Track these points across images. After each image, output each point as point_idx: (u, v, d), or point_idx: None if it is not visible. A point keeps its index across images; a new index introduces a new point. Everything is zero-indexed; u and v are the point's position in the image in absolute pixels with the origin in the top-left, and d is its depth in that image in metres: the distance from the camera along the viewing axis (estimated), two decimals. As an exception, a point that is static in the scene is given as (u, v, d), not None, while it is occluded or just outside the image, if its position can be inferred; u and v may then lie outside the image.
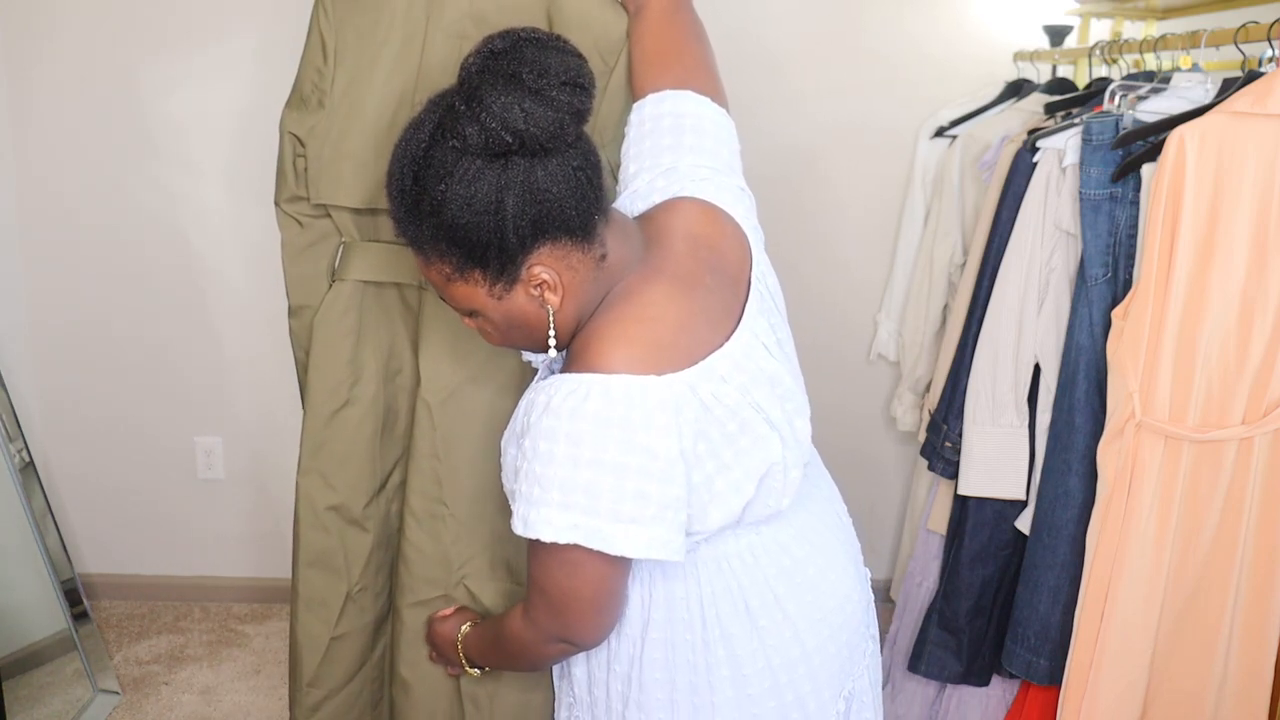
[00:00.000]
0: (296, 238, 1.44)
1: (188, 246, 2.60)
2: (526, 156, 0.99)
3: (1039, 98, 2.19)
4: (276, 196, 1.45)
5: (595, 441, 0.97)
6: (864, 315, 2.68)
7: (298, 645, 1.49)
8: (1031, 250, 1.77)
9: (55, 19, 2.46)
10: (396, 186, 1.03)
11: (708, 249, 1.11)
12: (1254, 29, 1.58)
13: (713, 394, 1.02)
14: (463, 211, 0.99)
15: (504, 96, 0.96)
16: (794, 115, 2.57)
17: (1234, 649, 1.60)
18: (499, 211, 0.99)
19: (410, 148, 1.02)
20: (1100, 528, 1.60)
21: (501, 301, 1.05)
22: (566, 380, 0.99)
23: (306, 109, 1.38)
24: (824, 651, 1.15)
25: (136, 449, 2.73)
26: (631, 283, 1.06)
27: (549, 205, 1.00)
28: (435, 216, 1.00)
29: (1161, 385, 1.53)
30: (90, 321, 2.64)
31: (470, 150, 0.98)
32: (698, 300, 1.06)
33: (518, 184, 0.99)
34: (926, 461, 2.04)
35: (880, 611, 2.72)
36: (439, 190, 0.99)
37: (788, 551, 1.14)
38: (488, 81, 0.98)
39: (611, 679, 1.14)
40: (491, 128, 0.96)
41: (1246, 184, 1.46)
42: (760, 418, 1.05)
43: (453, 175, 0.98)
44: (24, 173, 2.55)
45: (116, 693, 2.39)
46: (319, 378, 1.43)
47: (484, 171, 0.98)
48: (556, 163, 1.00)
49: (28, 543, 2.32)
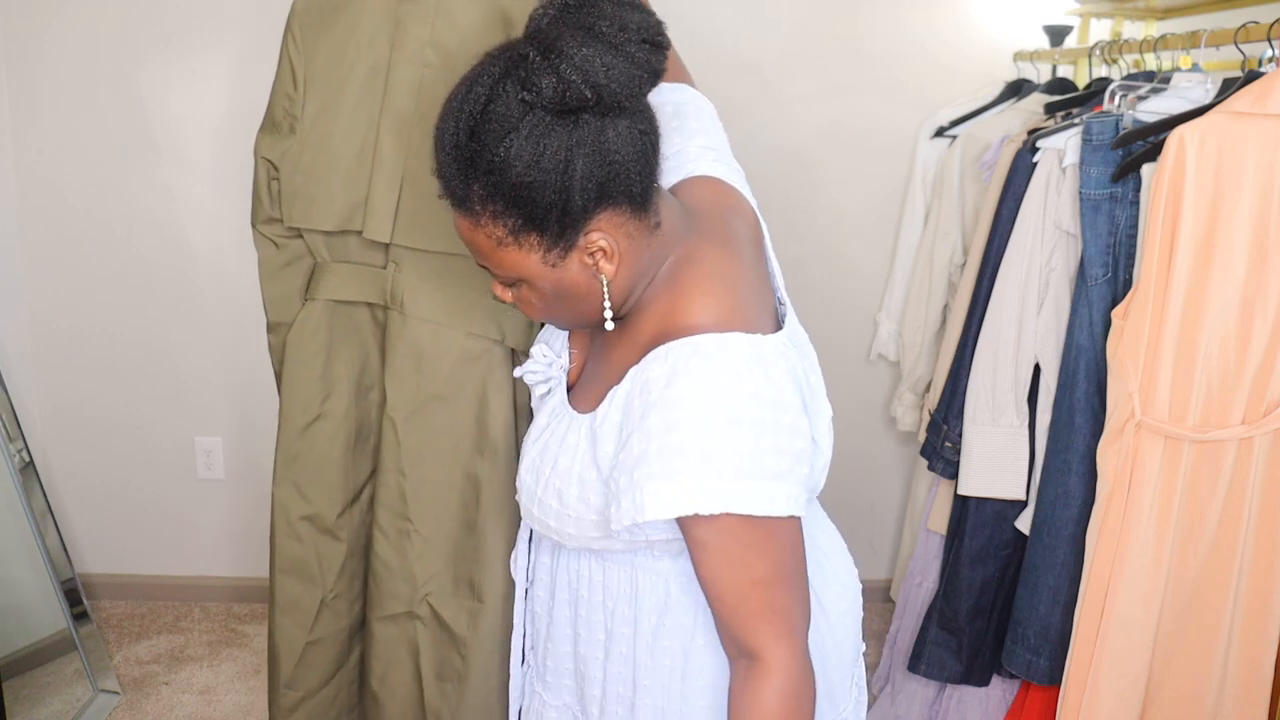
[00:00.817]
0: (272, 258, 1.49)
1: (188, 247, 2.60)
2: (598, 115, 0.93)
3: (1039, 98, 2.20)
4: (253, 219, 1.49)
5: (732, 400, 0.91)
6: (864, 315, 2.68)
7: (275, 648, 1.54)
8: (1031, 250, 1.77)
9: (56, 19, 2.46)
10: (450, 142, 0.95)
11: (737, 219, 1.10)
12: (1254, 29, 1.58)
13: (797, 358, 1.00)
14: (529, 170, 0.92)
15: (584, 48, 0.90)
16: (795, 115, 2.57)
17: (1234, 649, 1.60)
18: (567, 171, 0.92)
19: (468, 101, 0.94)
20: (1100, 528, 1.60)
21: (554, 269, 0.98)
22: (681, 346, 0.94)
23: (279, 134, 1.42)
24: (847, 640, 1.16)
25: (136, 449, 2.73)
26: (688, 250, 1.02)
27: (616, 168, 0.94)
28: (496, 174, 0.93)
29: (1161, 385, 1.53)
30: (90, 321, 2.64)
31: (542, 104, 0.91)
32: (748, 269, 1.04)
33: (589, 143, 0.92)
34: (926, 461, 2.04)
35: (880, 611, 2.73)
36: (503, 146, 0.92)
37: (814, 542, 1.12)
38: (565, 32, 0.91)
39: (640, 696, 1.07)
40: (572, 80, 0.89)
41: (1246, 184, 1.46)
42: (819, 381, 1.06)
43: (519, 130, 0.91)
44: (25, 173, 2.55)
45: (116, 693, 2.39)
46: (291, 392, 1.47)
47: (554, 127, 0.92)
48: (625, 124, 0.94)
49: (28, 543, 2.32)
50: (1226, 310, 1.50)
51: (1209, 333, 1.50)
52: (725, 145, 1.25)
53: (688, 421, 0.91)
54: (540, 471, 1.06)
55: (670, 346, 0.94)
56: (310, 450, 1.48)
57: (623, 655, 1.08)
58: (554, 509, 1.04)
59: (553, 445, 1.06)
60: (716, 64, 2.51)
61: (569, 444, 1.03)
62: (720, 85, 2.56)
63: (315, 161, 1.39)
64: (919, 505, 2.33)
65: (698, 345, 0.93)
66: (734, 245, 1.05)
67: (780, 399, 0.93)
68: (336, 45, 1.37)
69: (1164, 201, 1.49)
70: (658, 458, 0.91)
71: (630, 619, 1.07)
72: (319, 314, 1.45)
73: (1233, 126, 1.46)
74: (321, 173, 1.39)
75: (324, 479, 1.48)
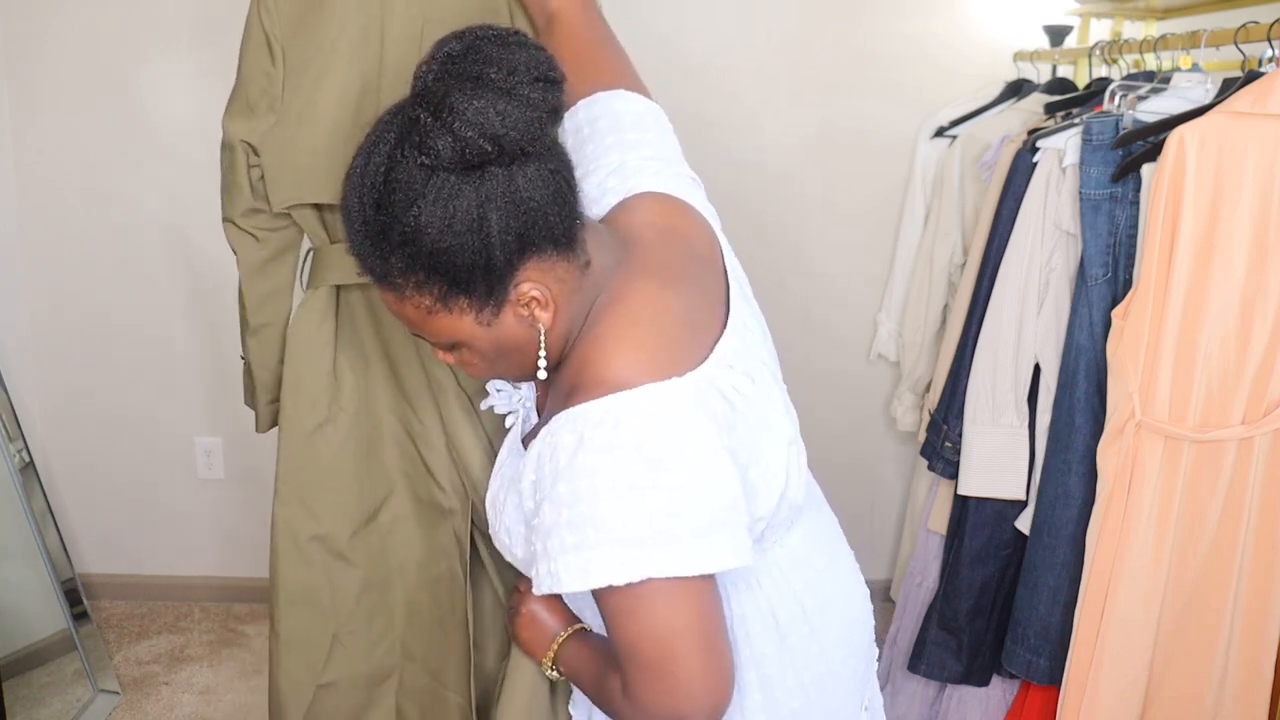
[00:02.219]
0: (254, 254, 1.36)
1: (188, 246, 2.60)
2: (504, 165, 0.89)
3: (1039, 98, 2.20)
4: (228, 213, 1.36)
5: (641, 465, 0.88)
6: (864, 315, 2.68)
7: (279, 693, 1.35)
8: (1031, 250, 1.77)
9: (56, 18, 2.46)
10: (357, 218, 0.92)
11: (680, 239, 1.05)
12: (1254, 29, 1.58)
13: (730, 384, 0.96)
14: (443, 235, 0.89)
15: (475, 101, 0.87)
16: (794, 116, 2.57)
17: (1234, 649, 1.60)
18: (483, 229, 0.89)
19: (368, 174, 0.91)
20: (1100, 528, 1.60)
21: (490, 328, 0.95)
22: (590, 410, 0.90)
23: (255, 115, 1.30)
24: (846, 664, 1.12)
25: (137, 449, 2.73)
26: (616, 287, 0.98)
27: (533, 215, 0.91)
28: (410, 245, 0.90)
29: (1161, 385, 1.53)
30: (90, 321, 2.64)
31: (443, 165, 0.88)
32: (687, 292, 1.00)
33: (499, 196, 0.89)
34: (926, 461, 2.04)
35: (880, 611, 2.72)
36: (411, 215, 0.89)
37: (809, 563, 1.10)
38: (452, 86, 0.88)
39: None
40: (467, 136, 0.87)
41: (1246, 184, 1.46)
42: (769, 402, 1.01)
43: (425, 196, 0.88)
44: (25, 173, 2.55)
45: (116, 693, 2.39)
46: (296, 393, 1.32)
47: (461, 187, 0.89)
48: (534, 168, 0.91)
49: (28, 542, 2.32)
50: (1226, 310, 1.50)
51: (1209, 333, 1.50)
52: (673, 153, 1.17)
53: (594, 492, 0.88)
54: (496, 506, 1.06)
55: (583, 410, 0.90)
56: (318, 458, 1.32)
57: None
58: (507, 545, 1.04)
59: (506, 481, 1.05)
60: (716, 65, 2.51)
61: (513, 481, 1.02)
62: (720, 87, 2.58)
63: (302, 134, 1.27)
64: (919, 505, 2.33)
65: (609, 408, 0.89)
66: (669, 273, 1.01)
67: (699, 454, 0.90)
68: (315, 12, 1.26)
69: (1164, 201, 1.49)
70: (568, 529, 0.89)
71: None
72: (324, 302, 1.31)
73: (1233, 126, 1.46)
74: (312, 145, 1.26)
75: (334, 491, 1.33)
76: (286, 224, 1.34)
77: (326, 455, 1.33)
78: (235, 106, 1.32)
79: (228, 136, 1.32)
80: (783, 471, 1.01)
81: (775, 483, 1.00)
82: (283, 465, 1.33)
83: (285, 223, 1.34)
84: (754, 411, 0.98)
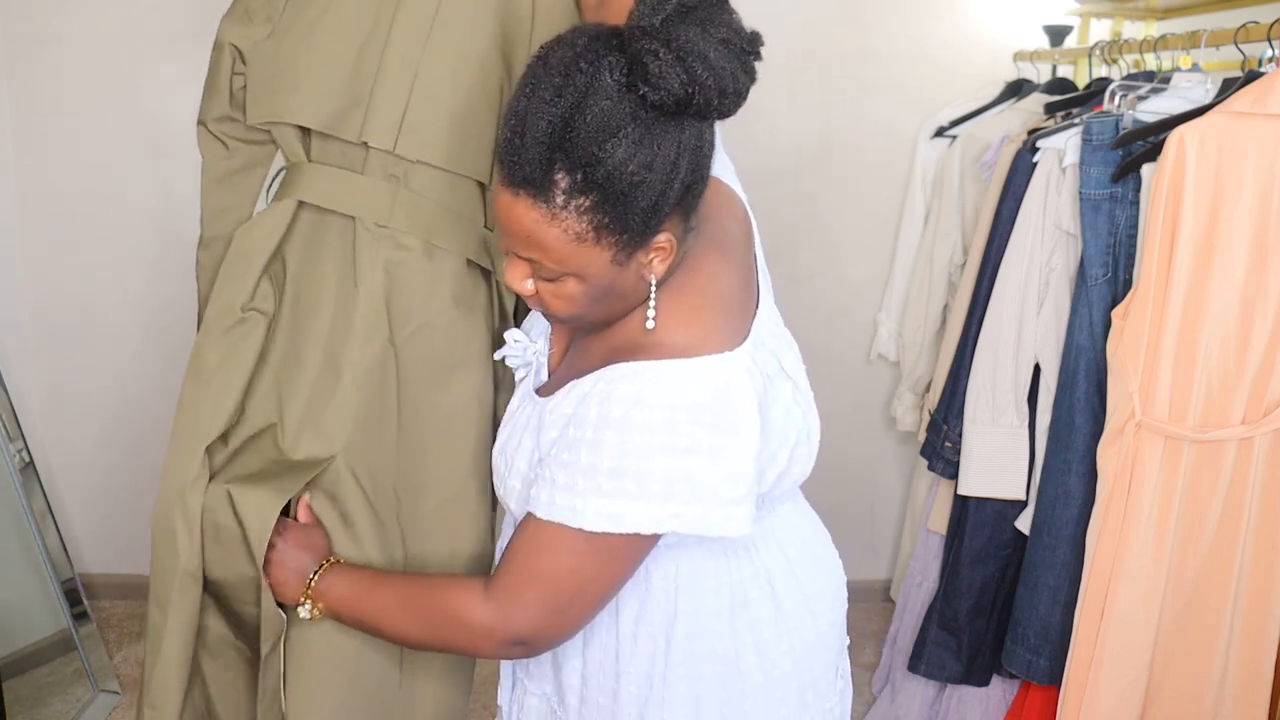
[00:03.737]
0: (219, 162, 1.30)
1: (188, 246, 2.58)
2: (702, 119, 0.90)
3: (1039, 98, 2.20)
4: (202, 115, 1.29)
5: (693, 429, 0.92)
6: (864, 315, 2.68)
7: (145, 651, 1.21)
8: (1031, 250, 1.77)
9: (56, 18, 2.46)
10: (542, 131, 0.88)
11: (730, 218, 1.10)
12: (1254, 29, 1.58)
13: (762, 364, 1.00)
14: (638, 171, 0.88)
15: (718, 51, 0.87)
16: (794, 115, 2.57)
17: (1234, 649, 1.60)
18: (672, 175, 0.90)
19: (566, 90, 0.87)
20: (1100, 528, 1.60)
21: (619, 269, 0.94)
22: (652, 368, 0.94)
23: (252, 22, 1.26)
24: (831, 631, 1.16)
25: (137, 449, 2.72)
26: (692, 256, 1.01)
27: (702, 172, 0.94)
28: (596, 170, 0.88)
29: (1161, 385, 1.53)
30: (91, 321, 2.64)
31: (661, 103, 0.87)
32: (739, 270, 1.04)
33: (692, 147, 0.91)
34: (926, 461, 2.05)
35: (880, 611, 2.73)
36: (610, 144, 0.87)
37: (798, 532, 1.14)
38: (693, 33, 0.87)
39: (624, 683, 1.08)
40: (704, 81, 0.86)
41: (1246, 184, 1.46)
42: (789, 384, 1.05)
43: (628, 129, 0.87)
44: (25, 174, 2.55)
45: (116, 693, 2.39)
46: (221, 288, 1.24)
47: (666, 129, 0.88)
48: (712, 129, 0.94)
49: (28, 542, 2.32)
50: (1226, 310, 1.50)
51: (1209, 333, 1.50)
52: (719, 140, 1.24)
53: (646, 449, 0.92)
54: (506, 454, 1.08)
55: (641, 367, 0.94)
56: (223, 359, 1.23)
57: (603, 644, 1.09)
58: (517, 492, 1.05)
59: (518, 430, 1.07)
60: (716, 64, 2.51)
61: (530, 426, 1.04)
62: (720, 85, 2.58)
63: (299, 51, 1.23)
64: (919, 505, 2.33)
65: (668, 373, 0.94)
66: (729, 249, 1.05)
67: (741, 424, 0.95)
68: None
69: (1164, 201, 1.49)
70: (607, 477, 0.93)
71: (611, 607, 1.08)
72: (283, 215, 1.24)
73: (1233, 126, 1.46)
74: (305, 64, 1.22)
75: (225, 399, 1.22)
76: (261, 139, 1.30)
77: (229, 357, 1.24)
78: (234, 9, 1.29)
79: (219, 36, 1.28)
80: (786, 456, 1.05)
81: (776, 464, 1.04)
82: (189, 368, 1.25)
83: (260, 138, 1.29)
84: (772, 389, 1.02)
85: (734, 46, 0.90)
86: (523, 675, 1.21)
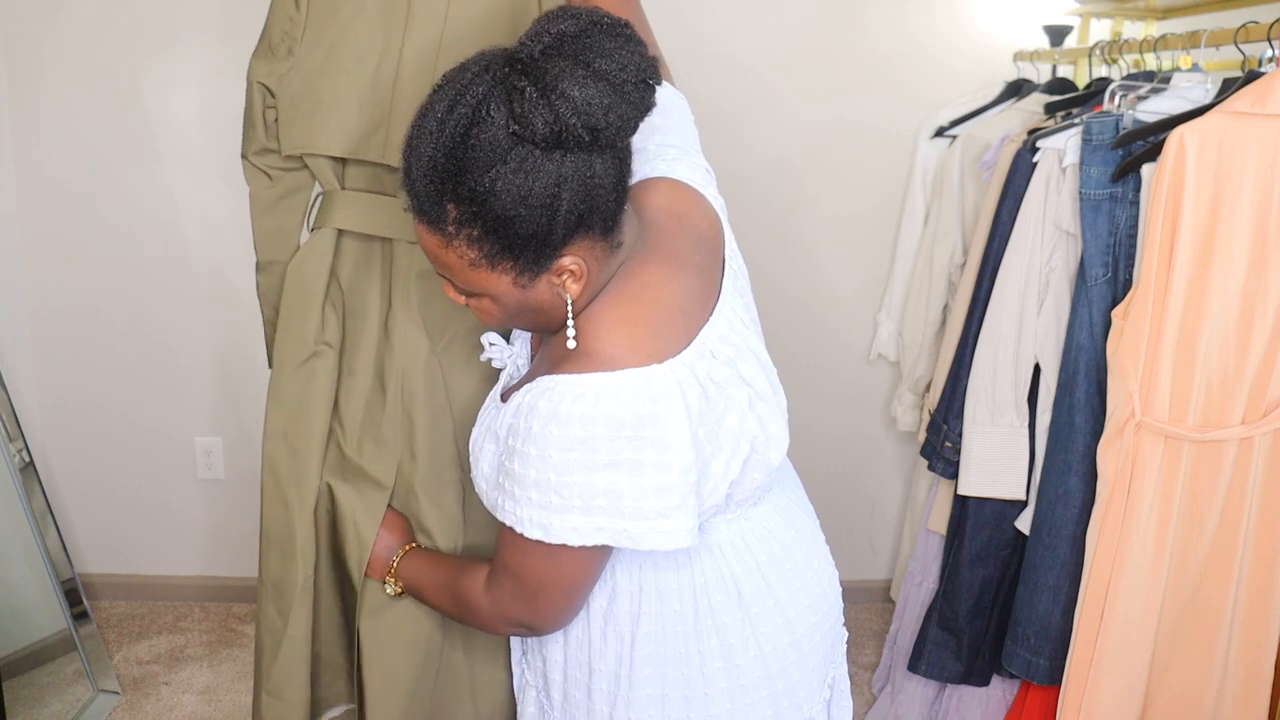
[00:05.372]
0: (265, 191, 1.39)
1: (189, 247, 2.60)
2: (585, 151, 0.92)
3: (1039, 98, 2.20)
4: (244, 149, 1.39)
5: (611, 444, 0.94)
6: (864, 315, 2.68)
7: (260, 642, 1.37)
8: (1031, 250, 1.77)
9: (57, 18, 2.46)
10: (426, 162, 0.92)
11: (689, 226, 1.09)
12: (1254, 29, 1.58)
13: (707, 372, 1.00)
14: (515, 204, 0.91)
15: (584, 89, 0.88)
16: (794, 115, 2.57)
17: (1234, 649, 1.60)
18: (553, 206, 0.92)
19: (449, 123, 0.91)
20: (1100, 527, 1.60)
21: (523, 290, 0.98)
22: (570, 383, 0.95)
23: (275, 58, 1.33)
24: (811, 638, 1.16)
25: (137, 449, 2.73)
26: (631, 266, 1.02)
27: (596, 200, 0.94)
28: (476, 203, 0.91)
29: (1161, 385, 1.53)
30: (91, 321, 2.64)
31: (532, 139, 0.89)
32: (689, 280, 1.04)
33: (575, 178, 0.92)
34: (926, 461, 2.04)
35: (880, 611, 2.73)
36: (487, 177, 0.90)
37: (776, 537, 1.14)
38: (564, 68, 0.89)
39: (595, 680, 1.12)
40: (569, 121, 0.88)
41: (1246, 184, 1.46)
42: (746, 392, 1.04)
43: (506, 162, 0.90)
44: (25, 173, 2.55)
45: (116, 693, 2.39)
46: (287, 326, 1.34)
47: (543, 162, 0.90)
48: (609, 157, 0.94)
49: (28, 543, 2.32)
50: (1226, 310, 1.50)
51: (1209, 333, 1.50)
52: (691, 140, 1.22)
53: (562, 463, 0.95)
54: (474, 452, 1.10)
55: (565, 381, 0.96)
56: (301, 393, 1.33)
57: (579, 640, 1.12)
58: (484, 490, 1.09)
59: (482, 431, 1.09)
60: (715, 64, 2.51)
61: (492, 429, 1.07)
62: (719, 85, 2.58)
63: (320, 84, 1.30)
64: (919, 505, 2.33)
65: (587, 385, 0.95)
66: (676, 259, 1.05)
67: (668, 438, 0.95)
68: None
69: (1164, 201, 1.49)
70: (534, 488, 0.97)
71: (585, 605, 1.10)
72: (326, 244, 1.33)
73: (1233, 126, 1.46)
74: (328, 96, 1.30)
75: (311, 428, 1.33)
76: (298, 166, 1.38)
77: (308, 390, 1.34)
78: (259, 48, 1.36)
79: (248, 75, 1.36)
80: (739, 466, 1.05)
81: (728, 474, 1.04)
82: (270, 399, 1.35)
83: (297, 165, 1.38)
84: (723, 399, 1.01)
85: (612, 79, 0.90)
86: (524, 666, 1.26)
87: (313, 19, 1.32)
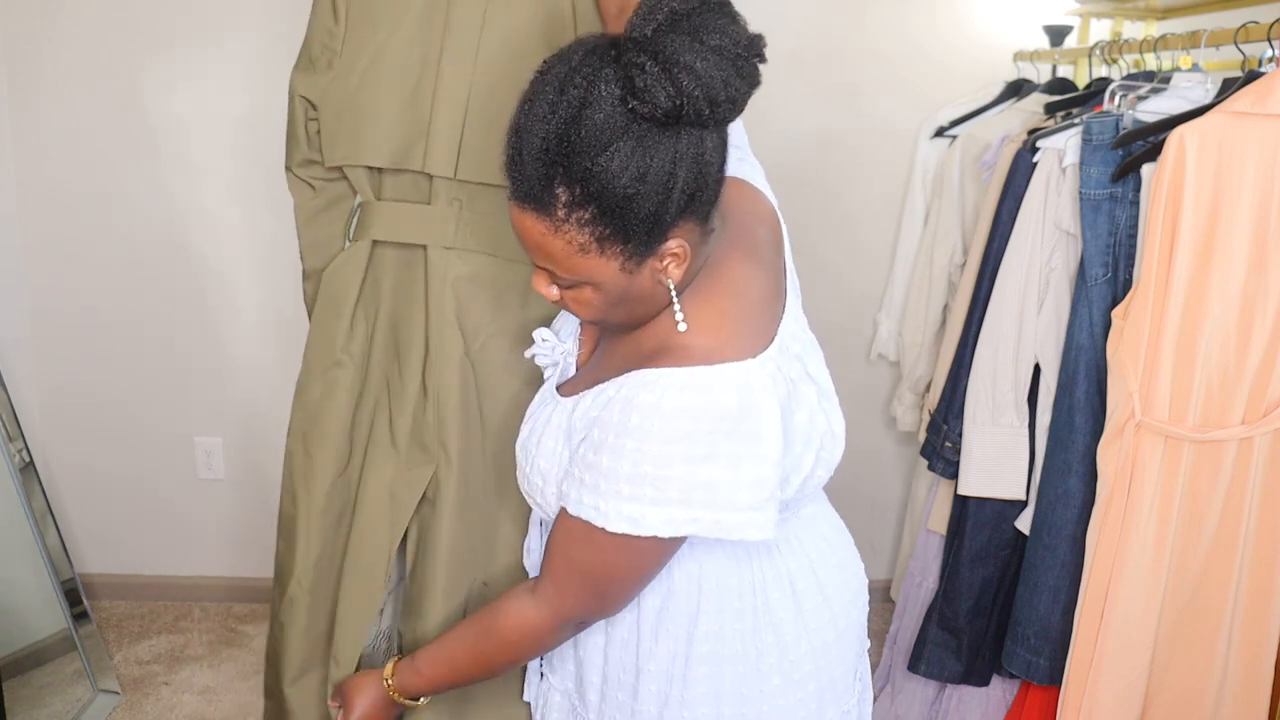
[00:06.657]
0: (309, 202, 1.42)
1: (189, 247, 2.60)
2: (698, 127, 0.91)
3: (1039, 98, 2.20)
4: (288, 161, 1.42)
5: (711, 437, 0.93)
6: (864, 315, 2.68)
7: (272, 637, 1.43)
8: (1031, 250, 1.77)
9: (57, 18, 2.46)
10: (537, 146, 0.90)
11: (758, 222, 1.10)
12: (1254, 29, 1.58)
13: (787, 368, 1.01)
14: (632, 183, 0.89)
15: (704, 60, 0.87)
16: (794, 115, 2.57)
17: (1234, 649, 1.60)
18: (668, 185, 0.90)
19: (561, 105, 0.89)
20: (1100, 528, 1.60)
21: (630, 277, 0.96)
22: (675, 376, 0.95)
23: (315, 71, 1.36)
24: (850, 633, 1.17)
25: (137, 448, 2.72)
26: (718, 259, 1.02)
27: (706, 180, 0.94)
28: (591, 184, 0.89)
29: (1161, 385, 1.53)
30: (91, 321, 2.64)
31: (653, 115, 0.88)
32: (765, 273, 1.05)
33: (690, 156, 0.91)
34: (926, 461, 2.04)
35: (880, 611, 2.73)
36: (603, 157, 0.88)
37: (820, 533, 1.15)
38: (681, 43, 0.88)
39: (643, 681, 1.10)
40: (693, 94, 0.87)
41: (1246, 184, 1.46)
42: (814, 389, 1.04)
43: (622, 141, 0.88)
44: (25, 173, 2.55)
45: (116, 693, 2.39)
46: (317, 333, 1.39)
47: (660, 140, 0.89)
48: (719, 135, 0.94)
49: (28, 542, 2.32)
50: (1226, 310, 1.50)
51: (1209, 333, 1.50)
52: (746, 141, 1.25)
53: (663, 457, 0.94)
54: (528, 449, 1.09)
55: (662, 375, 0.95)
56: (325, 398, 1.39)
57: (624, 640, 1.11)
58: (539, 487, 1.07)
59: (539, 425, 1.08)
60: (716, 64, 2.51)
61: (554, 424, 1.06)
62: (720, 85, 2.58)
63: (361, 97, 1.32)
64: (919, 505, 2.33)
65: (688, 381, 0.94)
66: (755, 253, 1.06)
67: (763, 431, 0.95)
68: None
69: (1164, 201, 1.49)
70: (627, 481, 0.95)
71: (633, 605, 1.09)
72: (362, 255, 1.37)
73: (1233, 126, 1.46)
74: (369, 108, 1.32)
75: (327, 434, 1.38)
76: (339, 176, 1.41)
77: (329, 398, 1.39)
78: (300, 62, 1.38)
79: (290, 88, 1.38)
80: (811, 460, 1.05)
81: (801, 469, 1.04)
82: (296, 395, 1.40)
83: (338, 175, 1.40)
84: (797, 394, 1.02)
85: (727, 53, 0.90)
86: (547, 671, 1.24)
87: (351, 32, 1.33)
